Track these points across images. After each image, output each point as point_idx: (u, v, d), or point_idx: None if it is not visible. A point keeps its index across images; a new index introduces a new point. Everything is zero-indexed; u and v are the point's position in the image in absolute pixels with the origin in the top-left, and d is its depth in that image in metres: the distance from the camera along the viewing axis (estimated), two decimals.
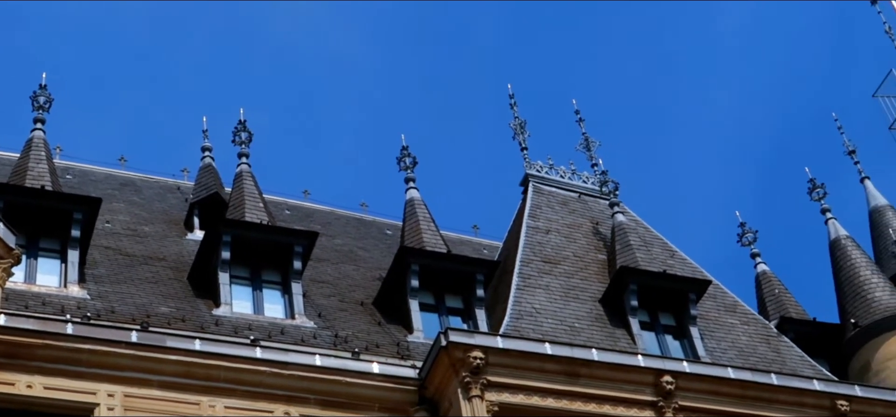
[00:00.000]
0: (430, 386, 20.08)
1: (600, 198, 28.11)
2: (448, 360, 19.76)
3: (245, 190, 24.71)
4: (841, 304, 26.90)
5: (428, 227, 25.15)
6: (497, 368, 19.86)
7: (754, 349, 24.31)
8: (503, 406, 19.64)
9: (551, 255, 25.35)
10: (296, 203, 29.39)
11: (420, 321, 22.87)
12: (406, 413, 19.94)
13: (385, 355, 20.99)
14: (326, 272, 24.89)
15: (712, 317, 24.92)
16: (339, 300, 23.56)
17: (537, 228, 26.32)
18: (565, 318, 23.27)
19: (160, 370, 18.77)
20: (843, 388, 22.45)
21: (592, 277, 25.09)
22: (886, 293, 26.45)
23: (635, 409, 20.61)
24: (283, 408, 19.24)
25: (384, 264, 25.35)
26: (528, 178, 28.35)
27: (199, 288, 22.16)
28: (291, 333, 21.14)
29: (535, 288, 23.88)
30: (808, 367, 24.04)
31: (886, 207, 32.14)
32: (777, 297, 28.21)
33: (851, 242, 28.00)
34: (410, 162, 26.60)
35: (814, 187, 29.19)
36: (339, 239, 27.59)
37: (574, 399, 20.29)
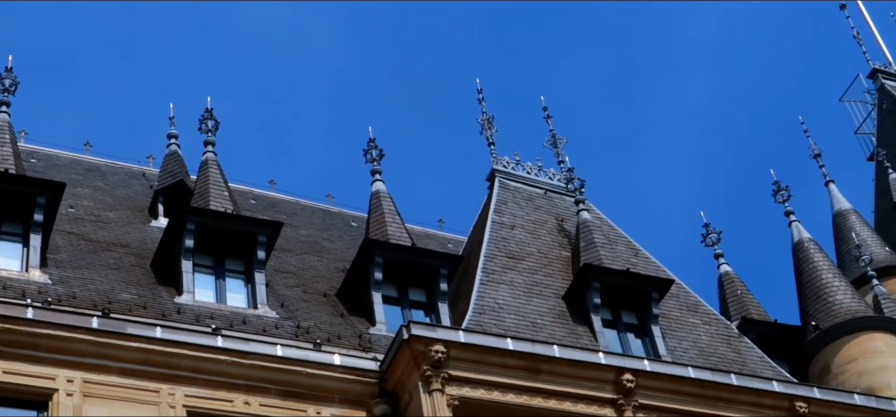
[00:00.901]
0: (390, 379, 20.08)
1: (566, 195, 28.19)
2: (409, 353, 19.77)
3: (210, 178, 24.62)
4: (802, 307, 27.06)
5: (393, 219, 25.14)
6: (458, 362, 19.89)
7: (715, 350, 24.44)
8: (464, 401, 19.66)
9: (515, 251, 25.39)
10: (261, 193, 29.32)
11: (383, 313, 22.87)
12: (366, 405, 19.92)
13: (347, 347, 20.96)
14: (290, 262, 24.85)
15: (674, 316, 25.03)
16: (303, 291, 23.53)
17: (502, 223, 26.37)
18: (528, 314, 23.32)
19: (120, 356, 18.70)
20: (802, 390, 22.64)
21: (556, 273, 25.15)
22: (848, 296, 26.62)
23: (595, 406, 20.69)
24: (244, 398, 19.20)
25: (348, 255, 25.35)
26: (494, 173, 28.41)
27: (161, 276, 22.07)
28: (253, 323, 21.09)
29: (498, 284, 23.92)
30: (768, 368, 24.19)
31: (850, 211, 32.40)
32: (739, 298, 28.34)
33: (814, 245, 28.16)
34: (377, 154, 26.57)
35: (778, 190, 29.30)
36: (303, 230, 27.55)
37: (535, 394, 20.35)
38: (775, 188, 29.32)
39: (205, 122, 26.00)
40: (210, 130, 25.89)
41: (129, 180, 27.59)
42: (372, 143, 26.65)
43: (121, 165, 28.44)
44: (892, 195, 35.54)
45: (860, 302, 26.71)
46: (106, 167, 28.01)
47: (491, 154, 28.80)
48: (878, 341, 25.63)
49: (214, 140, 25.72)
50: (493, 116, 29.40)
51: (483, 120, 29.41)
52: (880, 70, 40.65)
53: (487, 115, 29.44)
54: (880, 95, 39.99)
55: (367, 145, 26.63)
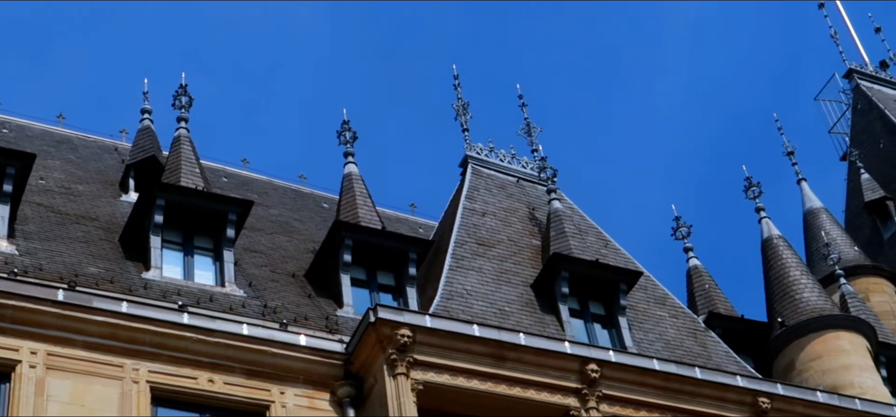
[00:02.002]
0: (356, 361, 20.08)
1: (538, 184, 28.25)
2: (376, 336, 19.75)
3: (182, 155, 24.57)
4: (769, 303, 27.17)
5: (364, 202, 25.12)
6: (424, 347, 19.87)
7: (681, 343, 24.53)
8: (428, 385, 19.66)
9: (486, 237, 25.43)
10: (234, 171, 29.25)
11: (351, 296, 22.86)
12: (331, 387, 19.92)
13: (313, 328, 20.94)
14: (260, 241, 24.82)
15: (642, 309, 25.12)
16: (271, 271, 23.50)
17: (473, 210, 26.40)
18: (496, 301, 23.36)
19: (85, 330, 18.63)
20: (766, 386, 22.71)
21: (525, 262, 25.20)
22: (815, 294, 26.74)
23: (559, 395, 20.71)
24: (208, 376, 19.16)
25: (319, 237, 25.34)
26: (467, 159, 28.46)
27: (129, 251, 22.00)
28: (220, 301, 21.06)
29: (467, 270, 23.95)
30: (732, 363, 24.30)
31: (821, 209, 32.58)
32: (707, 292, 28.45)
33: (783, 242, 28.25)
34: (350, 136, 26.52)
35: (750, 186, 29.36)
36: (274, 209, 27.51)
37: (499, 381, 20.35)
38: (747, 184, 29.39)
39: (179, 98, 25.94)
40: (184, 107, 25.83)
41: (100, 153, 27.49)
42: (346, 125, 26.60)
43: (93, 138, 28.34)
44: (863, 195, 35.77)
45: (827, 300, 26.83)
46: (78, 140, 27.92)
47: (465, 140, 28.86)
48: (843, 340, 25.75)
49: (188, 116, 25.66)
50: (468, 102, 29.49)
51: (458, 106, 29.46)
52: (856, 70, 40.87)
53: (463, 101, 29.50)
54: (855, 95, 40.22)
55: (341, 127, 26.57)
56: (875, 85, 40.44)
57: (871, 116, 38.88)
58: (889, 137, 37.57)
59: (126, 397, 18.37)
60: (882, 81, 40.82)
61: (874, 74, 41.08)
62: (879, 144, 37.74)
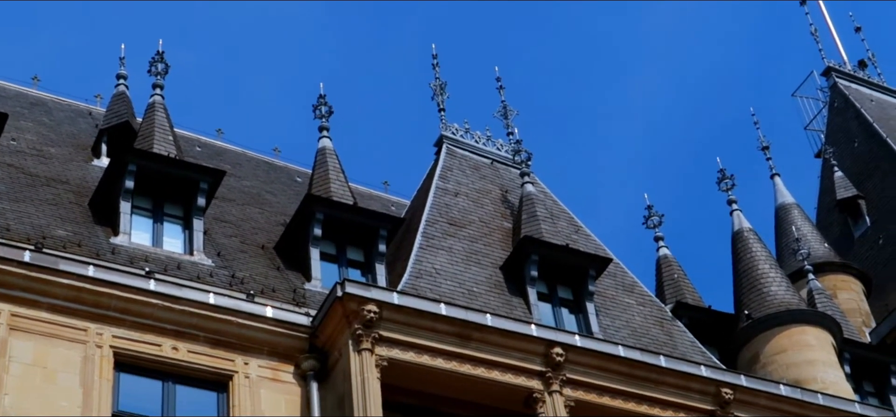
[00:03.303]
0: (321, 335, 20.08)
1: (512, 167, 28.29)
2: (342, 311, 19.75)
3: (156, 121, 24.51)
4: (737, 295, 27.25)
5: (337, 177, 25.10)
6: (390, 323, 19.87)
7: (647, 331, 24.62)
8: (392, 362, 19.66)
9: (457, 217, 25.46)
10: (208, 141, 29.16)
11: (319, 270, 22.86)
12: (295, 360, 19.93)
13: (280, 300, 20.94)
14: (231, 212, 24.77)
15: (610, 295, 25.19)
16: (241, 242, 23.47)
17: (446, 189, 26.42)
18: (464, 281, 23.39)
19: (51, 292, 18.59)
20: (730, 377, 22.80)
21: (496, 243, 25.24)
22: (782, 288, 26.84)
23: (523, 377, 20.74)
24: (172, 343, 19.14)
25: (290, 210, 25.32)
26: (442, 139, 28.49)
27: (99, 215, 21.94)
28: (188, 269, 21.03)
29: (437, 249, 23.98)
30: (697, 353, 24.40)
31: (793, 205, 32.72)
32: (675, 282, 28.55)
33: (754, 235, 28.33)
34: (326, 111, 26.50)
35: (723, 178, 29.37)
36: (247, 181, 27.45)
37: (464, 361, 20.35)
38: (720, 176, 29.40)
39: (155, 64, 25.87)
40: (159, 74, 25.76)
41: (74, 117, 27.39)
42: (322, 99, 26.58)
43: (67, 102, 28.23)
44: (835, 193, 35.91)
45: (795, 295, 26.95)
46: (52, 103, 27.80)
47: (441, 120, 28.88)
48: (808, 335, 25.86)
49: (163, 84, 25.60)
50: (445, 82, 29.56)
51: (435, 86, 29.51)
52: (834, 68, 40.96)
53: (440, 81, 29.56)
54: (832, 93, 40.32)
55: (317, 101, 26.55)
56: (853, 84, 40.54)
57: (848, 114, 39.00)
58: (864, 136, 37.70)
59: (89, 361, 18.33)
60: (860, 81, 40.93)
61: (852, 73, 41.19)
62: (854, 144, 37.87)
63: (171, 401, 18.87)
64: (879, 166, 36.19)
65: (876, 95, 40.53)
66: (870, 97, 40.02)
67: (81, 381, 18.09)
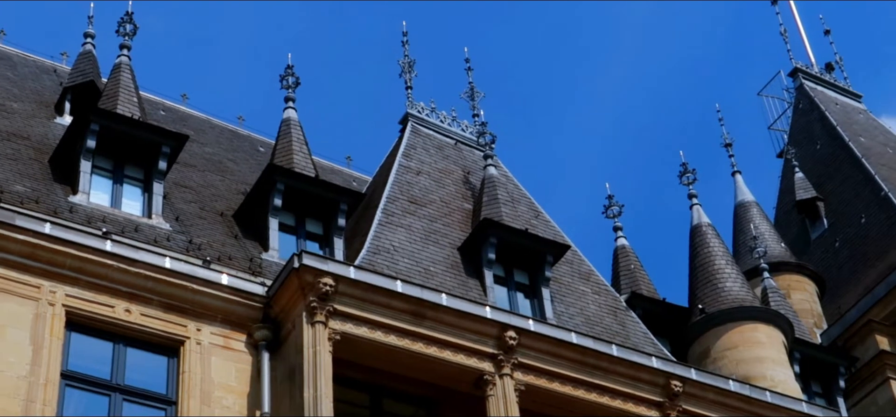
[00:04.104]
0: (275, 306, 20.11)
1: (476, 148, 28.38)
2: (298, 282, 19.77)
3: (121, 82, 24.42)
4: (692, 289, 27.46)
5: (300, 148, 25.10)
6: (345, 298, 19.90)
7: (601, 320, 24.77)
8: (345, 336, 19.69)
9: (418, 196, 25.52)
10: (172, 105, 29.05)
11: (277, 240, 22.88)
12: (248, 328, 19.94)
13: (236, 268, 20.95)
14: (191, 177, 24.73)
15: (566, 282, 25.32)
16: (200, 208, 23.45)
17: (409, 167, 26.47)
18: (422, 260, 23.46)
19: (5, 248, 18.51)
20: (680, 369, 22.94)
21: (455, 224, 25.32)
22: (737, 285, 27.06)
23: (475, 359, 20.83)
24: (126, 305, 19.11)
25: (251, 179, 25.31)
26: (407, 117, 28.54)
27: (58, 173, 21.86)
28: (145, 232, 20.99)
29: (396, 226, 24.03)
30: (649, 344, 24.57)
31: (752, 203, 32.97)
32: (632, 272, 28.73)
33: (712, 230, 28.53)
34: (293, 82, 26.49)
35: (685, 172, 29.49)
36: (209, 148, 27.39)
37: (417, 339, 20.40)
38: (682, 170, 29.54)
39: (123, 25, 25.77)
40: (128, 35, 25.67)
41: (39, 73, 27.24)
42: (289, 70, 26.57)
43: (33, 58, 28.06)
44: (795, 194, 36.17)
45: (749, 292, 27.17)
46: (17, 58, 27.63)
47: (407, 98, 28.92)
48: (759, 332, 26.10)
49: (130, 45, 25.52)
50: (414, 60, 29.62)
51: (404, 63, 29.57)
52: (801, 69, 41.24)
53: (409, 58, 29.61)
54: (798, 94, 40.59)
55: (285, 72, 26.54)
56: (819, 86, 40.84)
57: (812, 116, 39.29)
58: (827, 139, 37.99)
59: (40, 318, 18.30)
60: (826, 84, 41.24)
61: (819, 76, 41.48)
62: (817, 146, 38.15)
63: (121, 363, 18.85)
64: (840, 169, 36.49)
65: (841, 98, 40.85)
66: (835, 100, 40.33)
67: (31, 338, 18.05)
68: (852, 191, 35.44)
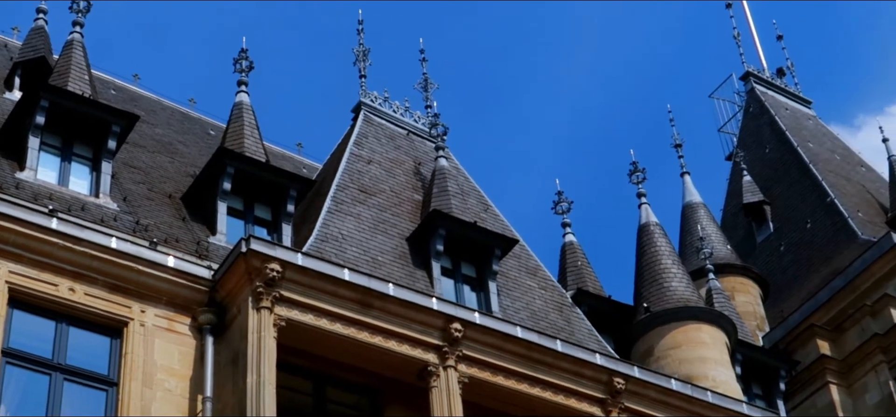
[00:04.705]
0: (221, 290, 20.06)
1: (427, 140, 28.42)
2: (245, 267, 19.71)
3: (72, 59, 24.24)
4: (637, 287, 27.63)
5: (251, 133, 25.03)
6: (292, 284, 19.88)
7: (546, 315, 24.89)
8: (291, 323, 19.67)
9: (368, 185, 25.53)
10: (124, 85, 28.84)
11: (225, 224, 22.82)
12: (193, 312, 19.88)
13: (183, 251, 20.87)
14: (141, 158, 24.60)
15: (512, 276, 25.42)
16: (148, 189, 23.32)
17: (360, 156, 26.47)
18: (370, 249, 23.47)
19: None
20: (623, 367, 23.09)
21: (404, 214, 25.35)
22: (682, 284, 27.27)
23: (420, 349, 20.87)
24: (70, 284, 18.97)
25: (201, 162, 25.20)
26: (360, 105, 28.56)
27: (5, 149, 21.64)
28: (92, 211, 20.86)
29: (345, 215, 24.03)
30: (593, 341, 24.71)
31: (700, 204, 33.22)
32: (579, 269, 28.87)
33: (659, 229, 28.71)
34: (247, 66, 26.38)
35: (635, 170, 29.62)
36: (160, 129, 27.24)
37: (362, 328, 20.41)
38: (632, 169, 29.68)
39: (76, 2, 25.54)
40: (81, 11, 25.47)
41: None
42: (243, 53, 26.46)
43: None
44: (743, 197, 36.50)
45: (694, 292, 27.40)
46: None
47: (361, 86, 28.93)
48: (703, 332, 26.32)
49: (83, 22, 25.31)
50: (369, 49, 29.64)
51: (358, 51, 29.58)
52: (753, 73, 41.60)
53: (364, 47, 29.63)
54: (749, 97, 40.95)
55: (239, 55, 26.43)
56: (769, 91, 41.21)
57: (762, 120, 39.64)
58: (776, 143, 38.35)
59: None
60: (777, 88, 41.61)
61: (770, 80, 41.86)
62: (765, 150, 38.51)
63: (64, 342, 18.71)
64: (788, 174, 36.86)
65: (791, 104, 41.25)
66: (785, 106, 40.71)
67: None
68: (799, 196, 35.81)
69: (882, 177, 36.62)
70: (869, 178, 37.48)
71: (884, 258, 30.27)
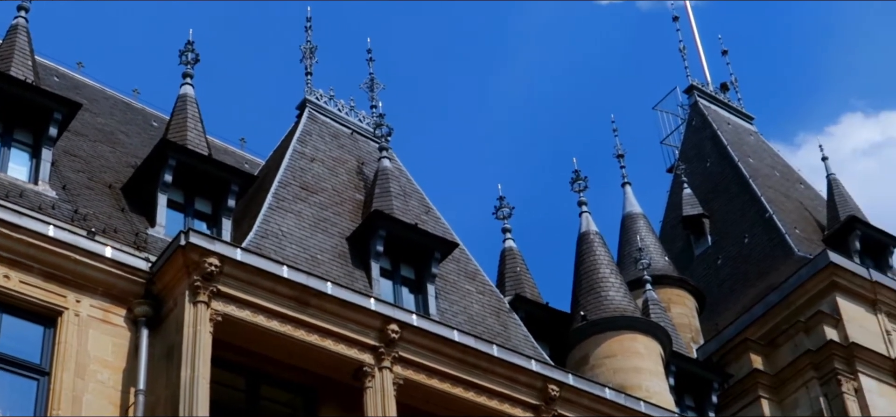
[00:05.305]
0: (159, 282, 19.98)
1: (372, 140, 28.44)
2: (183, 260, 19.64)
3: (16, 44, 24.03)
4: (575, 295, 27.77)
5: (195, 126, 24.94)
6: (230, 279, 19.83)
7: (484, 319, 24.99)
8: (227, 318, 19.61)
9: (310, 183, 25.51)
10: (67, 72, 28.59)
11: (165, 216, 22.73)
12: (129, 303, 19.78)
13: (121, 241, 20.74)
14: (82, 147, 24.43)
15: (451, 280, 25.50)
16: (88, 178, 23.17)
17: (303, 153, 26.45)
18: (309, 247, 23.46)
19: None
20: (558, 374, 23.21)
21: (346, 214, 25.36)
22: (620, 294, 27.47)
23: (356, 349, 20.88)
24: (5, 271, 18.81)
25: (142, 152, 25.06)
26: (305, 103, 28.53)
27: None
28: (30, 198, 20.70)
29: (286, 212, 24.00)
30: (529, 347, 24.84)
31: (639, 215, 33.47)
32: (517, 275, 29.00)
33: (599, 238, 28.87)
34: (192, 58, 26.28)
35: (577, 179, 29.69)
36: (102, 118, 27.05)
37: (299, 326, 20.40)
38: (574, 177, 29.77)
39: None
40: None
41: None
42: (189, 45, 26.36)
43: None
44: (682, 209, 36.80)
45: (631, 302, 27.60)
46: None
47: (306, 84, 28.90)
48: (638, 343, 26.53)
49: (28, 7, 25.08)
50: (316, 46, 29.60)
51: (306, 48, 29.55)
52: (697, 87, 41.97)
53: (311, 44, 29.60)
54: (692, 111, 41.31)
55: (185, 47, 26.32)
56: (713, 105, 41.59)
57: (704, 134, 40.00)
58: (717, 157, 38.70)
59: None
60: (720, 103, 42.01)
61: (713, 95, 42.25)
62: (707, 163, 38.85)
63: None
64: (728, 188, 37.21)
65: (733, 119, 41.67)
66: (727, 120, 41.11)
67: None
68: (738, 211, 36.17)
69: (820, 195, 37.12)
70: (807, 195, 37.96)
71: (819, 276, 30.61)
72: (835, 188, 35.44)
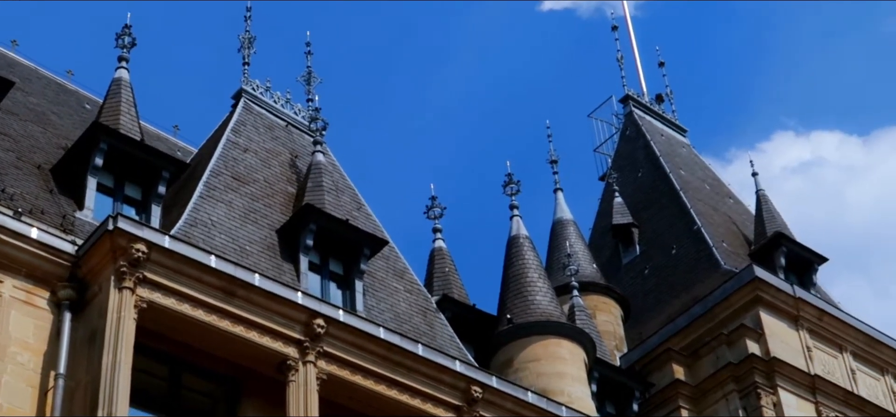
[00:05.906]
0: (84, 266, 19.84)
1: (306, 133, 28.43)
2: (110, 244, 19.50)
3: None
4: (502, 298, 27.94)
5: (128, 110, 24.79)
6: (157, 267, 19.74)
7: (410, 318, 25.08)
8: (152, 305, 19.51)
9: (242, 173, 25.45)
10: (1, 50, 28.32)
11: (94, 200, 22.57)
12: (53, 286, 19.63)
13: (48, 223, 20.59)
14: (11, 125, 24.20)
15: (379, 277, 25.56)
16: (17, 157, 22.96)
17: (236, 143, 26.38)
18: (238, 238, 23.41)
19: None
20: (481, 376, 23.33)
21: (277, 206, 25.33)
22: (546, 299, 27.67)
23: (281, 342, 20.87)
24: None
25: (74, 135, 24.87)
26: (241, 92, 28.45)
27: None
28: None
29: (217, 201, 23.93)
30: (455, 348, 24.97)
31: (569, 221, 33.73)
32: (446, 275, 29.11)
33: (528, 243, 29.06)
34: (129, 42, 26.11)
35: (509, 182, 29.85)
36: (34, 98, 26.80)
37: (224, 316, 20.32)
38: (506, 180, 29.93)
39: None
40: None
41: None
42: (127, 29, 26.19)
43: None
44: (612, 217, 37.11)
45: (557, 308, 27.81)
46: None
47: (243, 74, 28.82)
48: (563, 348, 26.75)
49: None
50: (255, 37, 29.51)
51: (244, 38, 29.46)
52: (632, 97, 42.34)
53: (250, 34, 29.49)
54: (627, 120, 41.68)
55: (122, 30, 26.15)
56: (647, 116, 41.98)
57: (637, 144, 40.36)
58: (649, 167, 39.06)
59: None
60: (654, 114, 42.41)
61: (648, 105, 42.66)
62: (639, 173, 39.20)
63: None
64: (658, 199, 37.57)
65: (667, 130, 42.09)
66: (661, 132, 41.52)
67: None
68: (667, 221, 36.53)
69: (749, 210, 37.59)
70: (736, 210, 38.43)
71: (743, 290, 31.01)
72: (763, 204, 35.90)
